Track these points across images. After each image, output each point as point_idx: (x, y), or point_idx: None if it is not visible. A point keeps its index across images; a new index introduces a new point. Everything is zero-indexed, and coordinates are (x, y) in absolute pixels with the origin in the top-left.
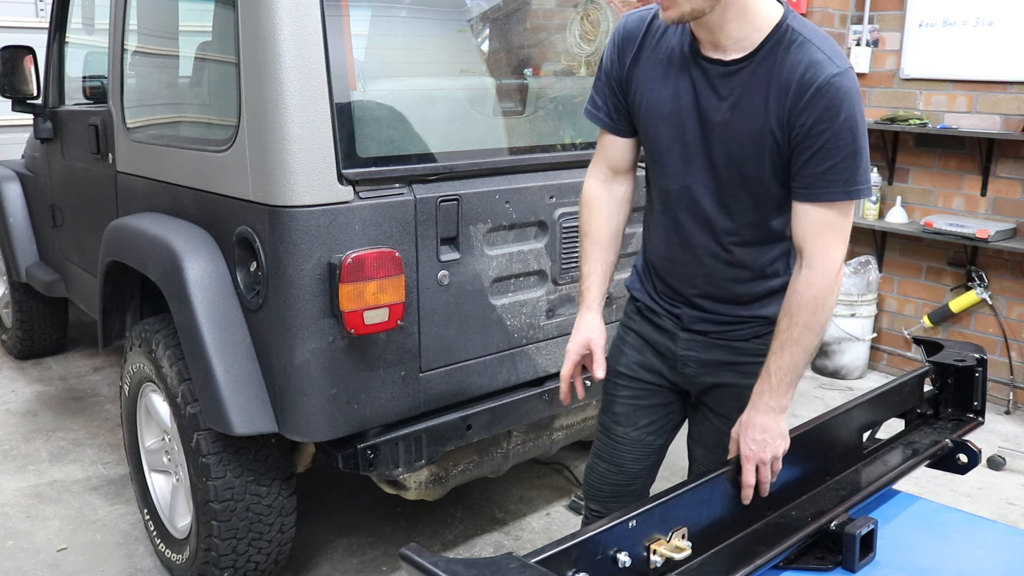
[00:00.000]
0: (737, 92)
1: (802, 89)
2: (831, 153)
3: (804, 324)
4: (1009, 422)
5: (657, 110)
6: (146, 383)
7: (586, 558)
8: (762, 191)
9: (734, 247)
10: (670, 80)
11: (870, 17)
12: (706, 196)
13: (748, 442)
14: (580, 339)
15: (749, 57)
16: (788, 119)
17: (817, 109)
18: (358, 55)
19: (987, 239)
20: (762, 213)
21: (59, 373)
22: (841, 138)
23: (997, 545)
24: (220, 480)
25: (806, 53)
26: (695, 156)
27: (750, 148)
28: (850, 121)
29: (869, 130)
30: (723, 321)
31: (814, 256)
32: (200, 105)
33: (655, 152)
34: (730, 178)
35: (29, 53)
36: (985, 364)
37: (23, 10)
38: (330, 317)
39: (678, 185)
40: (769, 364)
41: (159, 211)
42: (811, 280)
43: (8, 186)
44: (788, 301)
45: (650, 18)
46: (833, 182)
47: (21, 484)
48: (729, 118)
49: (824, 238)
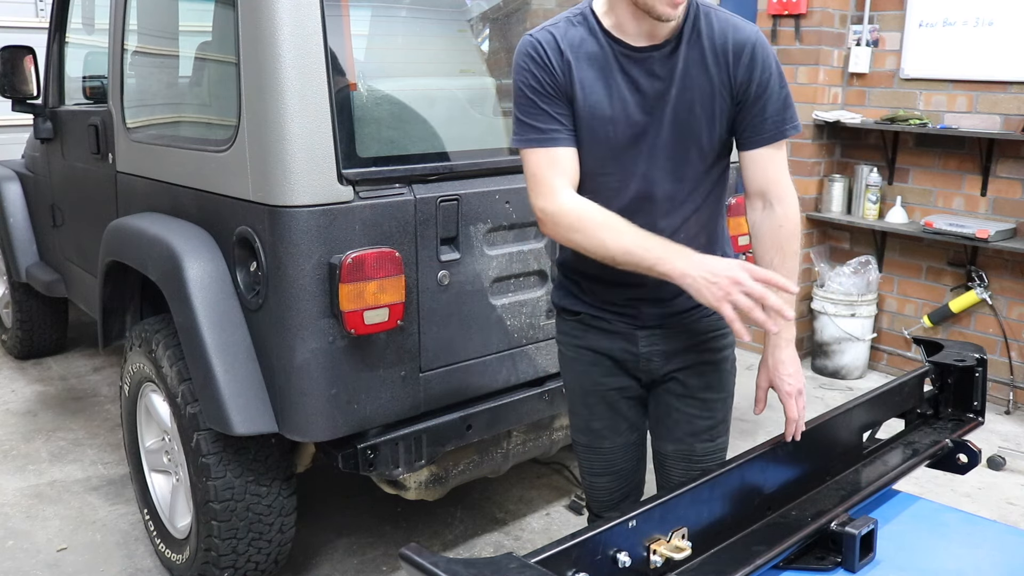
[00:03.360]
0: (679, 68)
1: (739, 49)
2: (777, 95)
3: (794, 253)
4: (1009, 422)
5: (602, 112)
6: (146, 383)
7: (586, 558)
8: (711, 153)
9: (690, 217)
10: (604, 82)
11: (870, 17)
12: (665, 177)
13: (785, 378)
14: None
15: (678, 35)
16: (735, 79)
17: (758, 63)
18: (358, 55)
19: (987, 239)
20: (708, 176)
21: (59, 373)
22: (779, 81)
23: (997, 545)
24: (220, 480)
25: (722, 19)
26: (648, 142)
27: (701, 115)
28: (779, 64)
29: (868, 130)
30: (683, 309)
31: (782, 193)
32: (200, 105)
33: (604, 152)
34: (684, 150)
35: (29, 53)
36: (985, 364)
37: (23, 10)
38: (330, 317)
39: (635, 177)
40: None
41: (159, 211)
42: (788, 212)
43: (8, 186)
44: (774, 237)
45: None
46: (785, 120)
47: (21, 484)
48: (676, 94)
49: (784, 174)
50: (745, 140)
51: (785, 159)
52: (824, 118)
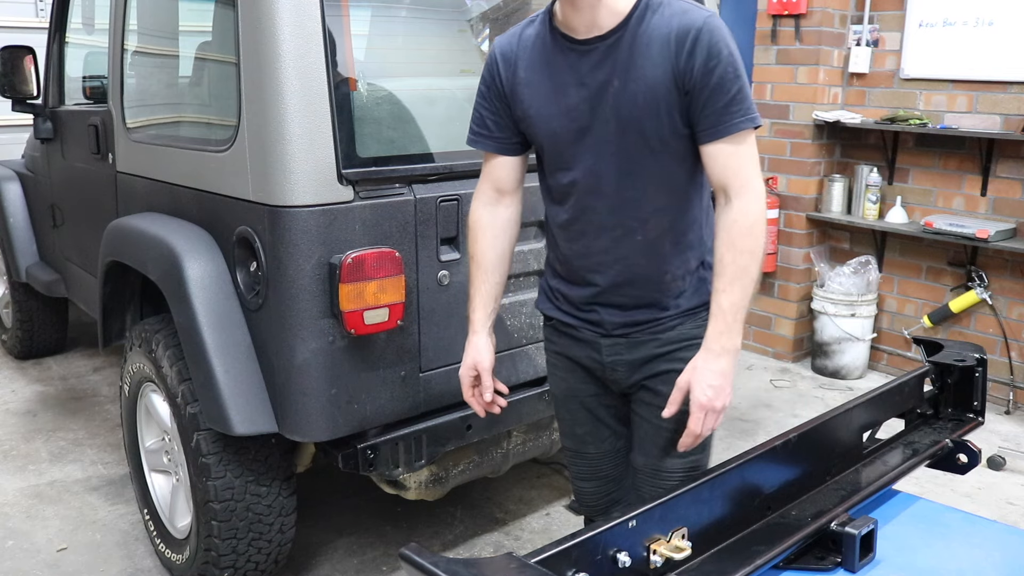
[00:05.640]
0: (622, 59)
1: (683, 36)
2: (727, 86)
3: (749, 251)
4: (1009, 422)
5: (547, 108)
6: (146, 383)
7: (586, 558)
8: (663, 148)
9: (648, 218)
10: (550, 77)
11: (870, 17)
12: (611, 173)
13: (704, 388)
14: (468, 362)
15: (623, 25)
16: (678, 67)
17: (703, 50)
18: (358, 55)
19: (987, 239)
20: (667, 172)
21: (59, 373)
22: (730, 70)
23: (997, 545)
24: (220, 480)
25: (673, 7)
26: (594, 136)
27: (646, 107)
28: (733, 55)
29: (868, 130)
30: (644, 320)
31: (740, 188)
32: (200, 105)
33: (553, 149)
34: (631, 143)
35: (29, 53)
36: (985, 364)
37: (23, 10)
38: (330, 317)
39: (583, 172)
40: (721, 303)
41: (159, 211)
42: (745, 208)
43: (8, 186)
44: (727, 234)
45: (520, 32)
46: (735, 113)
47: (21, 484)
48: (619, 86)
49: (743, 169)
50: (699, 134)
51: (747, 153)
52: (824, 118)
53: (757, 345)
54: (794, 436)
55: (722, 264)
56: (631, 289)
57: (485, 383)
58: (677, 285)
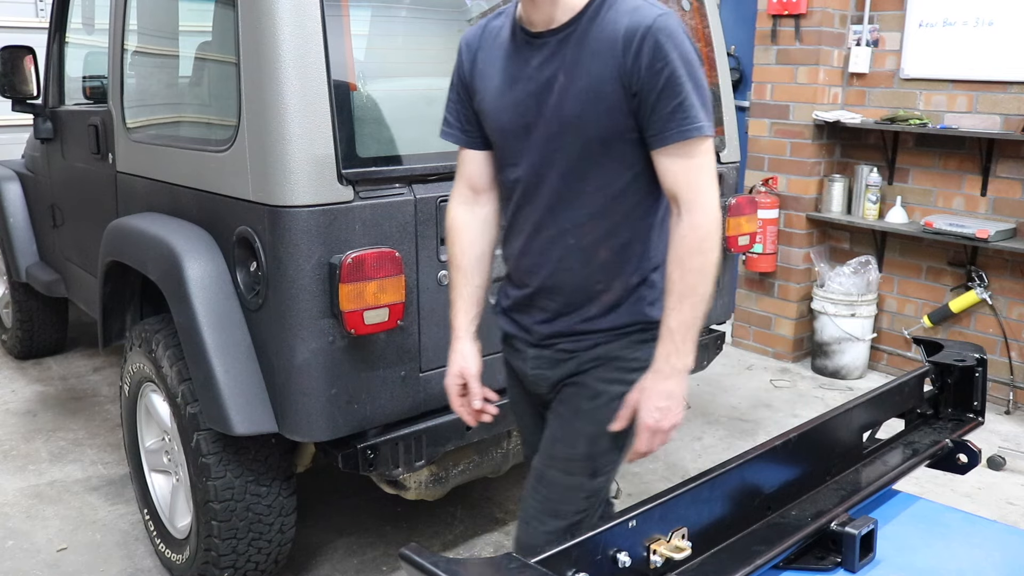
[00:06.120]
0: (570, 55)
1: (630, 34)
2: (675, 90)
3: (698, 269)
4: (1009, 422)
5: (498, 101)
6: (146, 383)
7: (586, 558)
8: (606, 150)
9: (584, 223)
10: (505, 69)
11: (870, 17)
12: (553, 172)
13: (651, 410)
14: (453, 370)
15: (575, 20)
16: (625, 67)
17: (650, 49)
18: (358, 55)
19: (987, 239)
20: (609, 177)
21: (59, 373)
22: (678, 74)
23: (997, 545)
24: (220, 480)
25: (626, 4)
26: (539, 132)
27: (590, 105)
28: (685, 56)
29: (868, 130)
30: (568, 331)
31: (692, 200)
32: (200, 105)
33: (502, 144)
34: (574, 143)
35: (29, 53)
36: (985, 364)
37: (23, 10)
38: (330, 317)
39: (527, 169)
40: (670, 322)
41: (159, 211)
42: (696, 222)
43: (8, 186)
44: (676, 251)
45: (486, 23)
46: (682, 120)
47: (21, 484)
48: (565, 82)
49: (693, 180)
50: (647, 139)
51: (698, 164)
52: (824, 118)
53: (757, 345)
54: (794, 436)
55: (670, 281)
56: (560, 295)
57: (473, 391)
58: (609, 298)
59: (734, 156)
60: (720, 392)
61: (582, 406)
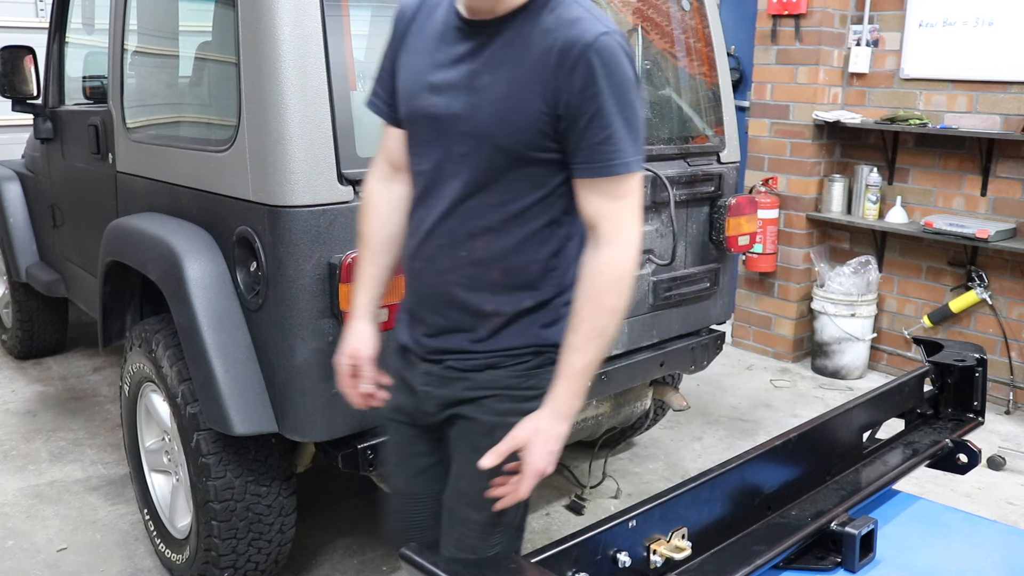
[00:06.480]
0: (498, 53)
1: (566, 50)
2: (606, 120)
3: (610, 310)
4: (1009, 422)
5: (414, 84)
6: (146, 383)
7: (586, 558)
8: (516, 164)
9: (478, 236)
10: (429, 51)
11: (870, 17)
12: (455, 174)
13: (544, 454)
14: (347, 350)
15: (512, 16)
16: (555, 85)
17: (585, 72)
18: (358, 55)
19: (987, 239)
20: (514, 194)
21: (59, 373)
22: (612, 103)
23: (997, 545)
24: (220, 480)
25: (569, 11)
26: (448, 127)
27: (507, 112)
28: (622, 84)
29: (868, 130)
30: (454, 349)
31: (612, 235)
32: (200, 105)
33: (409, 130)
34: (482, 148)
35: (29, 53)
36: (985, 364)
37: (23, 10)
38: (330, 317)
39: (428, 164)
40: (574, 363)
41: (159, 211)
42: (614, 259)
43: (8, 186)
44: (590, 286)
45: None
46: (612, 153)
47: (21, 484)
48: (486, 81)
49: (617, 215)
50: (571, 165)
51: (625, 200)
52: (824, 118)
53: (757, 345)
54: (794, 436)
55: (579, 318)
56: (446, 309)
57: (364, 374)
58: (499, 321)
59: (734, 156)
60: (720, 392)
61: (479, 443)
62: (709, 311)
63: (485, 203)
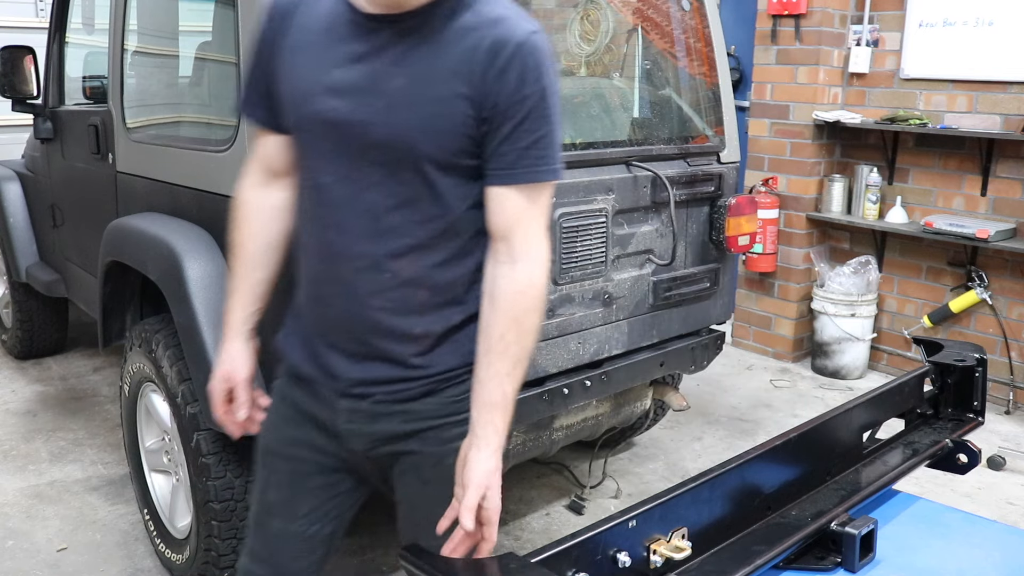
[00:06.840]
0: (412, 52)
1: (496, 49)
2: (536, 124)
3: (532, 330)
4: (1009, 422)
5: (304, 86)
6: (146, 383)
7: (586, 558)
8: (440, 173)
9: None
10: (321, 48)
11: (870, 17)
12: (368, 190)
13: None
14: (220, 374)
15: (426, 10)
16: (482, 86)
17: (518, 72)
18: None
19: (987, 239)
20: (441, 206)
21: (59, 373)
22: (545, 107)
23: (997, 545)
24: (220, 480)
25: (490, 8)
26: (354, 136)
27: (430, 122)
28: (552, 87)
29: (868, 130)
30: (384, 378)
31: (527, 250)
32: (200, 105)
33: (303, 141)
34: (400, 158)
35: (29, 53)
36: (985, 364)
37: (23, 10)
38: None
39: (331, 178)
40: (505, 389)
41: (159, 211)
42: (532, 277)
43: (8, 186)
44: (512, 305)
45: None
46: (539, 159)
47: (21, 484)
48: (401, 84)
49: (535, 227)
50: (488, 171)
51: (541, 209)
52: (824, 118)
53: (757, 345)
54: (794, 436)
55: (504, 343)
56: (369, 336)
57: (239, 399)
58: (427, 342)
59: (734, 156)
60: (720, 392)
61: (428, 475)
62: (709, 311)
63: (410, 220)
